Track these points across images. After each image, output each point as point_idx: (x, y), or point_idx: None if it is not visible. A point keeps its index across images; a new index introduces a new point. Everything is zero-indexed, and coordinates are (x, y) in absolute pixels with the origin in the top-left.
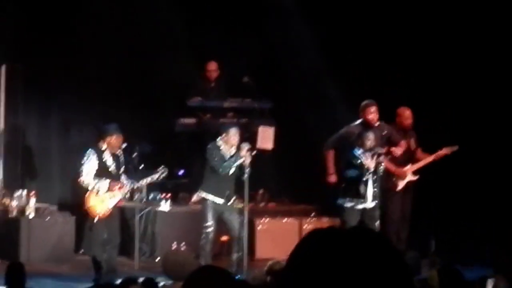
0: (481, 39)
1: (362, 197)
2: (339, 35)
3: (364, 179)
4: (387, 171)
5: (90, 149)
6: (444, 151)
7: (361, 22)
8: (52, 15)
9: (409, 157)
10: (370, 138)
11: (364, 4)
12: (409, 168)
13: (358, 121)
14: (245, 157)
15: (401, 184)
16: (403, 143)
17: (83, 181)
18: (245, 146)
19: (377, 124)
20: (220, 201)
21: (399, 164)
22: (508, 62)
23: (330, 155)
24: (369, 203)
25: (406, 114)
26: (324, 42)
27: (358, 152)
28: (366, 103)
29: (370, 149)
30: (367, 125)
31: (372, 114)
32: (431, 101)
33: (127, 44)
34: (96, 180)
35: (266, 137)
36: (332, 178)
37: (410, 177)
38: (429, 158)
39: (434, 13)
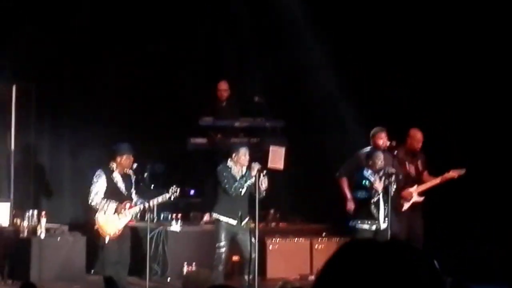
0: (489, 60)
1: (374, 218)
2: (352, 54)
3: (375, 200)
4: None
5: (99, 169)
6: (451, 174)
7: (376, 41)
8: (63, 35)
9: (415, 179)
10: (380, 158)
11: (380, 22)
12: (415, 189)
13: (368, 148)
14: (256, 177)
15: (406, 205)
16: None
17: (92, 201)
18: (256, 166)
19: (387, 147)
20: (233, 222)
21: (405, 185)
22: None
23: (345, 182)
24: (382, 224)
25: (418, 137)
26: (337, 61)
27: (368, 173)
28: (377, 130)
29: (380, 169)
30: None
31: (382, 140)
32: (441, 122)
33: (138, 64)
34: (105, 201)
35: (277, 157)
36: (351, 205)
37: (415, 198)
38: (436, 181)
39: (457, 33)
